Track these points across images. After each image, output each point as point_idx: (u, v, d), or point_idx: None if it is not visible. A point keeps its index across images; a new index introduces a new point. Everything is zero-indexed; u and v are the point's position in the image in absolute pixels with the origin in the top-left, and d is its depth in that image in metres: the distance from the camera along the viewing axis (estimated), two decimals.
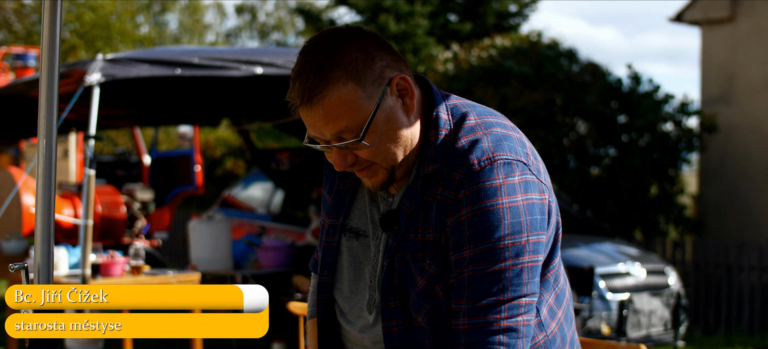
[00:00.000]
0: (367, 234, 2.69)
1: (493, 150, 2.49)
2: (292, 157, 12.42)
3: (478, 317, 2.47)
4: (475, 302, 2.47)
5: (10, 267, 2.69)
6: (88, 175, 7.32)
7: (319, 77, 2.47)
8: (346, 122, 2.48)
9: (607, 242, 10.37)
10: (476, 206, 2.45)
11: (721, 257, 12.80)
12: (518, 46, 15.89)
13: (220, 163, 21.35)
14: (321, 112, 2.47)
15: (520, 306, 2.48)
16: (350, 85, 2.47)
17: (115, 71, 7.76)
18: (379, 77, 2.52)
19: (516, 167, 2.49)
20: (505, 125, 2.60)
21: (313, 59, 2.49)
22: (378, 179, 2.57)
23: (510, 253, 2.45)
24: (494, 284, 2.46)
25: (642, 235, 14.87)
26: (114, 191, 10.59)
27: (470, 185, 2.46)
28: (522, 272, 2.47)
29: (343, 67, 2.47)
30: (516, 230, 2.45)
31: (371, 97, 2.50)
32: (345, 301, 2.73)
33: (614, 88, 15.15)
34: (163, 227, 13.38)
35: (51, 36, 2.75)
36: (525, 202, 2.47)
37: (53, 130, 2.75)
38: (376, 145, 2.51)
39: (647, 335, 9.23)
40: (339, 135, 2.49)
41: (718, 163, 15.99)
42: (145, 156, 14.20)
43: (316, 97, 2.46)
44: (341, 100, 2.46)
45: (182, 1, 42.16)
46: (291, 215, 12.59)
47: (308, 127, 2.54)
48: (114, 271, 7.65)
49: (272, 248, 9.99)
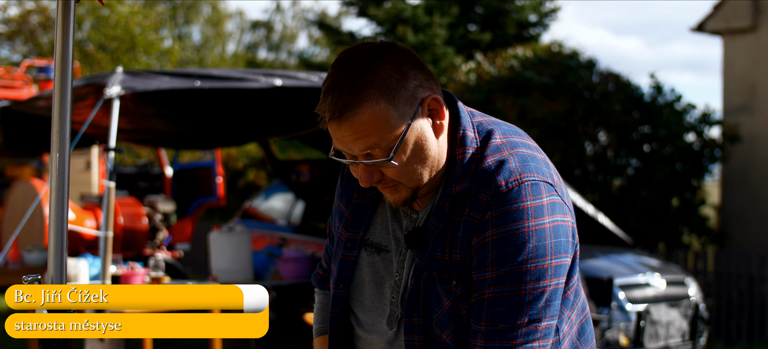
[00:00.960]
0: (388, 249, 2.69)
1: (521, 171, 2.49)
2: (313, 168, 12.43)
3: (494, 341, 2.48)
4: (493, 325, 2.48)
5: (23, 279, 2.71)
6: (108, 187, 7.36)
7: (352, 94, 2.44)
8: (376, 140, 2.46)
9: (628, 253, 10.33)
10: (502, 228, 2.45)
11: (743, 267, 12.74)
12: (539, 56, 15.87)
13: (242, 175, 21.42)
14: (351, 129, 2.45)
15: (536, 331, 2.48)
16: (383, 104, 2.45)
17: (134, 84, 7.80)
18: (411, 97, 2.49)
19: (543, 189, 2.49)
20: (530, 146, 2.60)
21: (346, 74, 2.47)
22: (401, 196, 2.56)
23: (532, 277, 2.45)
24: (513, 307, 2.46)
25: (664, 246, 14.81)
26: (136, 202, 10.64)
27: (497, 207, 2.46)
28: (542, 295, 2.47)
29: (377, 85, 2.45)
30: (540, 254, 2.45)
31: (403, 117, 2.48)
32: (366, 313, 2.73)
33: (636, 98, 15.11)
34: (184, 238, 13.43)
35: (64, 50, 2.76)
36: (551, 224, 2.47)
37: (66, 143, 2.76)
38: (404, 166, 2.51)
39: (665, 346, 9.19)
40: (367, 152, 2.48)
41: (741, 174, 15.92)
42: (167, 168, 14.25)
43: (348, 113, 2.43)
44: (373, 118, 2.44)
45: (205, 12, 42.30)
46: (311, 226, 12.60)
47: (336, 141, 2.52)
48: (134, 282, 7.68)
49: (292, 260, 10.00)
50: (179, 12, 41.09)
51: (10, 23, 28.15)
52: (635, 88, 15.27)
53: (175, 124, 10.52)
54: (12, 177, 14.29)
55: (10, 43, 28.62)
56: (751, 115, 15.88)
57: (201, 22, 42.73)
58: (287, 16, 42.64)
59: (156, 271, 8.03)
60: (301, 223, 12.60)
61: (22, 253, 8.95)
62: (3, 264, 8.85)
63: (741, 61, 16.22)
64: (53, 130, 2.76)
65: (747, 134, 15.56)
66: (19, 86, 15.22)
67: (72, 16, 2.78)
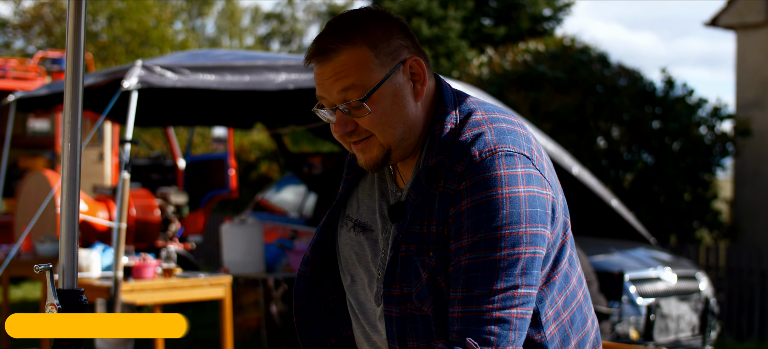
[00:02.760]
0: (373, 228, 2.73)
1: (496, 142, 2.51)
2: (325, 161, 12.46)
3: (471, 306, 2.47)
4: (469, 291, 2.47)
5: (34, 268, 2.73)
6: (123, 178, 7.39)
7: (337, 35, 2.56)
8: (354, 81, 2.54)
9: (640, 248, 10.33)
10: (476, 196, 2.47)
11: (754, 262, 12.73)
12: (551, 50, 15.86)
13: (254, 167, 21.44)
14: (331, 68, 2.55)
15: (514, 298, 2.47)
16: (365, 49, 2.55)
17: (152, 78, 7.84)
18: (394, 52, 2.60)
19: (518, 160, 2.50)
20: (511, 121, 2.62)
21: (334, 23, 2.60)
22: (372, 155, 2.61)
23: (506, 242, 2.45)
24: (489, 273, 2.46)
25: (676, 241, 14.80)
26: (148, 194, 10.67)
27: (471, 176, 2.49)
28: (517, 262, 2.46)
29: (361, 32, 2.57)
30: (514, 220, 2.45)
31: (383, 67, 2.57)
32: (359, 292, 2.77)
33: (648, 92, 15.09)
34: (197, 230, 13.47)
35: (75, 40, 2.78)
36: (526, 194, 2.48)
37: (78, 133, 2.78)
38: (378, 115, 2.56)
39: (676, 340, 9.19)
40: (344, 93, 2.55)
41: (753, 168, 15.88)
42: (179, 160, 14.29)
43: (331, 52, 2.55)
44: (353, 59, 2.54)
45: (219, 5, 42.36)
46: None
47: (318, 86, 2.60)
48: (146, 273, 7.71)
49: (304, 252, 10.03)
50: (194, 5, 41.15)
51: (25, 15, 28.24)
52: (647, 83, 15.25)
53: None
54: (25, 168, 14.35)
55: (25, 35, 28.71)
56: (764, 109, 15.85)
57: (215, 15, 42.81)
58: (299, 9, 42.71)
59: (168, 262, 8.07)
60: (313, 215, 12.62)
61: (34, 244, 8.99)
62: (16, 255, 8.90)
63: (754, 55, 16.19)
64: (65, 120, 2.78)
65: (759, 129, 15.53)
66: (32, 77, 15.27)
67: (83, 7, 2.80)
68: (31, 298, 14.01)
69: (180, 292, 7.99)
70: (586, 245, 9.33)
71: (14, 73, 15.10)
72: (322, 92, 2.59)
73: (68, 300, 2.73)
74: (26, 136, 16.11)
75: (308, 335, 2.88)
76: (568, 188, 9.47)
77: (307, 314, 2.88)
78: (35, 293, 14.28)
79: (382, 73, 2.57)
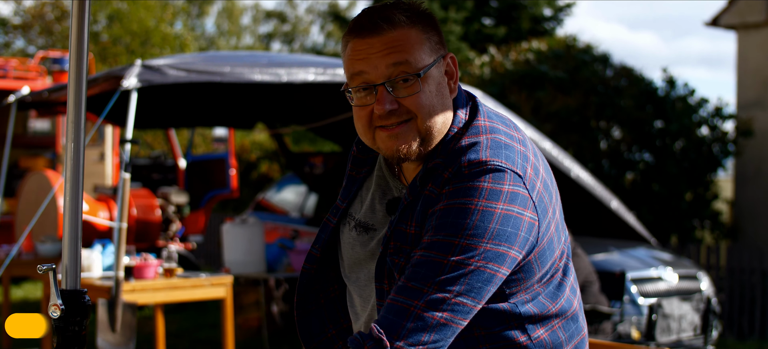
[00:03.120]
0: (375, 228, 2.71)
1: (488, 156, 2.48)
2: (326, 161, 12.45)
3: (400, 295, 2.45)
4: (405, 282, 2.46)
5: (38, 268, 2.73)
6: (123, 178, 7.39)
7: (391, 12, 2.54)
8: (408, 56, 2.52)
9: (640, 247, 10.32)
10: (452, 201, 2.45)
11: (755, 262, 12.73)
12: (554, 50, 15.86)
13: (255, 167, 21.43)
14: (384, 42, 2.52)
15: (443, 302, 2.42)
16: (418, 30, 2.55)
17: (151, 77, 7.83)
18: (439, 44, 2.60)
19: (508, 176, 2.46)
20: (511, 135, 2.58)
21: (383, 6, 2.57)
22: (407, 141, 2.55)
23: (460, 250, 2.42)
24: (430, 272, 2.43)
25: (677, 240, 14.80)
26: (149, 194, 10.66)
27: (455, 182, 2.47)
28: (463, 271, 2.42)
29: (416, 15, 2.56)
30: (477, 233, 2.42)
31: (432, 52, 2.57)
32: (361, 289, 2.75)
33: (649, 92, 15.09)
34: (198, 230, 13.46)
35: (79, 41, 2.78)
36: (503, 212, 2.44)
37: (81, 133, 2.78)
38: (426, 95, 2.53)
39: (678, 339, 9.18)
40: (395, 69, 2.52)
41: (754, 168, 15.88)
42: (180, 159, 14.28)
43: (385, 25, 2.52)
44: (409, 36, 2.53)
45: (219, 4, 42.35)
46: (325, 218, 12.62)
47: (358, 62, 2.55)
48: (147, 273, 7.70)
49: (305, 252, 10.03)
50: (194, 5, 41.14)
51: (25, 15, 28.24)
52: (649, 83, 15.25)
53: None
54: (26, 168, 14.35)
55: (26, 35, 28.70)
56: (765, 109, 15.85)
57: (215, 13, 42.80)
58: (300, 8, 42.68)
59: (169, 262, 8.06)
60: (314, 215, 12.61)
61: (35, 244, 8.99)
62: (17, 255, 8.90)
63: (755, 55, 16.19)
64: (68, 120, 2.78)
65: (761, 129, 15.53)
66: (33, 77, 15.26)
67: (87, 7, 2.80)
68: (32, 298, 14.00)
69: (181, 292, 7.99)
70: (586, 244, 9.33)
71: (15, 72, 15.09)
72: (366, 67, 2.54)
73: (71, 301, 2.74)
74: (27, 136, 16.12)
75: (307, 328, 2.87)
76: (569, 189, 9.49)
77: (307, 307, 2.86)
78: (36, 293, 14.28)
79: (431, 58, 2.56)
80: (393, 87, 2.53)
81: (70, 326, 2.75)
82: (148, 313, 10.87)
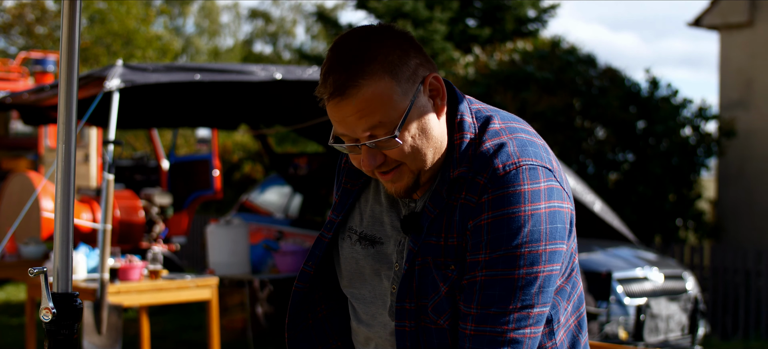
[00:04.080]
0: (382, 241, 2.65)
1: (519, 155, 2.45)
2: (311, 161, 12.43)
3: (485, 325, 2.44)
4: (484, 309, 2.44)
5: (29, 271, 2.70)
6: (107, 180, 7.35)
7: (354, 70, 2.41)
8: (380, 117, 2.42)
9: (625, 247, 10.34)
10: (498, 211, 2.41)
11: (739, 262, 12.76)
12: (539, 50, 15.87)
13: (238, 168, 21.39)
14: (354, 107, 2.42)
15: (528, 318, 2.44)
16: (386, 80, 2.42)
17: (134, 77, 7.80)
18: (413, 74, 2.48)
19: (541, 173, 2.45)
20: (529, 131, 2.57)
21: (346, 53, 2.44)
22: (402, 184, 2.51)
23: (525, 261, 2.41)
24: (505, 291, 2.42)
25: (660, 240, 14.83)
26: (132, 195, 10.62)
27: (494, 189, 2.42)
28: (535, 281, 2.43)
29: (379, 61, 2.42)
30: (534, 238, 2.41)
31: (406, 94, 2.45)
32: (367, 306, 2.69)
33: (633, 93, 15.12)
34: (181, 231, 13.42)
35: (70, 41, 2.75)
36: (548, 210, 2.43)
37: (72, 135, 2.75)
38: (408, 144, 2.47)
39: (665, 340, 9.20)
40: (371, 131, 2.44)
41: (737, 168, 15.94)
42: (163, 161, 14.24)
43: (351, 89, 2.40)
44: (377, 94, 2.41)
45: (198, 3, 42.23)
46: (309, 219, 12.60)
47: (337, 124, 2.48)
48: (132, 275, 7.67)
49: (290, 253, 10.00)
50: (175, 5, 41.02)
51: (5, 15, 28.11)
52: (633, 84, 15.28)
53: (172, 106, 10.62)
54: (8, 170, 14.28)
55: (6, 36, 28.58)
56: (748, 110, 15.90)
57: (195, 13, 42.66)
58: (284, 7, 42.55)
59: (154, 264, 8.03)
60: (298, 216, 12.59)
61: (19, 246, 8.94)
62: (0, 257, 8.85)
63: (738, 56, 16.24)
64: (59, 121, 2.75)
65: (743, 129, 15.58)
66: (15, 78, 15.20)
67: (78, 8, 2.77)
68: (15, 300, 13.94)
69: (166, 294, 7.95)
70: None
71: None
72: (344, 130, 2.47)
73: (63, 304, 2.71)
74: (9, 138, 16.04)
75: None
76: None
77: (296, 327, 2.80)
78: (19, 295, 14.21)
79: (406, 101, 2.46)
80: (375, 143, 2.46)
81: (61, 330, 2.72)
82: (131, 315, 10.83)
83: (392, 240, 2.63)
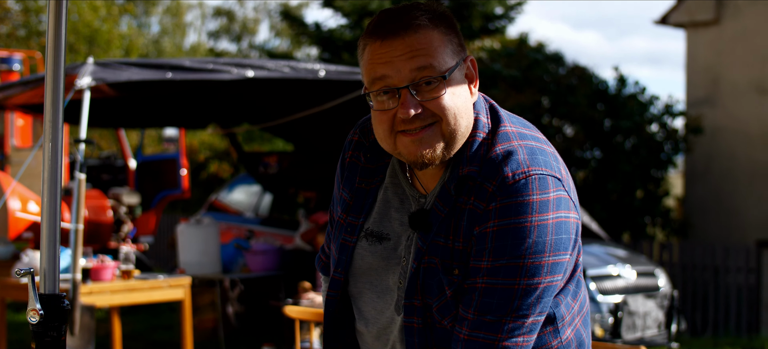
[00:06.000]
0: (390, 237, 2.63)
1: (529, 164, 2.44)
2: (281, 160, 12.38)
3: (480, 331, 2.44)
4: (481, 315, 2.44)
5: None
6: (78, 179, 7.27)
7: (413, 15, 2.46)
8: (432, 59, 2.44)
9: (595, 244, 10.36)
10: (504, 221, 2.41)
11: (708, 258, 12.83)
12: (507, 48, 15.90)
13: (204, 167, 21.29)
14: (407, 45, 2.43)
15: (522, 327, 2.44)
16: (441, 32, 2.47)
17: (105, 75, 7.72)
18: (460, 46, 2.53)
19: (551, 183, 2.44)
20: (539, 138, 2.56)
21: (403, 7, 2.49)
22: (432, 145, 2.47)
23: (527, 272, 2.40)
24: (503, 300, 2.42)
25: (629, 237, 14.89)
26: (100, 195, 10.54)
27: (502, 198, 2.41)
28: (534, 292, 2.43)
29: (438, 17, 2.48)
30: (539, 250, 2.40)
31: (455, 54, 2.50)
32: (373, 302, 2.68)
33: (600, 90, 15.17)
34: (149, 231, 13.32)
35: (56, 39, 2.72)
36: (555, 221, 2.42)
37: (59, 133, 2.71)
38: (451, 97, 2.46)
39: (641, 337, 9.23)
40: (419, 73, 2.44)
41: (704, 165, 16.03)
42: (130, 160, 14.14)
43: (410, 29, 2.44)
44: (433, 38, 2.45)
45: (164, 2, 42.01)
46: (279, 218, 12.56)
47: (381, 66, 2.47)
48: (104, 275, 7.61)
49: (261, 252, 9.96)
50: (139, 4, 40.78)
51: None
52: (600, 81, 15.33)
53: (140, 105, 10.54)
54: None
55: None
56: (714, 107, 16.00)
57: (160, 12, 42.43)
58: (248, 6, 42.40)
59: (127, 264, 7.96)
60: (268, 215, 12.55)
61: None
62: None
63: (704, 53, 16.34)
64: (46, 119, 2.72)
65: (710, 126, 15.68)
66: None
67: (64, 6, 2.73)
68: None
69: (139, 294, 7.89)
70: None
71: None
72: (389, 71, 2.45)
73: (50, 305, 2.67)
74: None
75: None
76: None
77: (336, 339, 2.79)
78: None
79: (454, 60, 2.48)
80: (417, 90, 2.45)
81: (49, 332, 2.68)
82: (101, 315, 10.74)
83: (401, 237, 2.62)
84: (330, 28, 19.81)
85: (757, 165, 15.52)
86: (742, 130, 15.69)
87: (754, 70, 15.70)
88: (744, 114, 15.72)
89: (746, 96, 15.74)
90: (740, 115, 15.78)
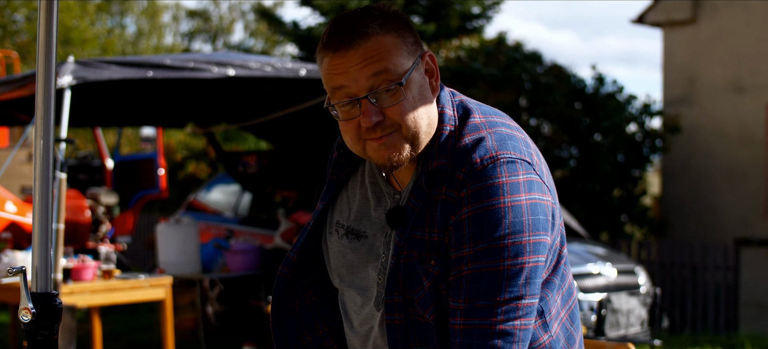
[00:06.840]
0: (367, 234, 2.65)
1: (497, 148, 2.44)
2: (260, 160, 12.35)
3: (474, 318, 2.42)
4: (472, 302, 2.42)
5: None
6: (58, 178, 7.24)
7: (363, 23, 2.46)
8: (387, 64, 2.44)
9: (575, 242, 10.38)
10: (477, 205, 2.40)
11: (686, 257, 12.89)
12: (486, 47, 15.91)
13: (181, 167, 21.21)
14: (361, 55, 2.44)
15: (517, 309, 2.42)
16: (393, 36, 2.47)
17: (86, 74, 7.68)
18: (415, 45, 2.52)
19: (520, 166, 2.43)
20: (510, 125, 2.55)
21: (353, 15, 2.50)
22: (396, 149, 2.48)
23: (509, 253, 2.39)
24: (492, 284, 2.40)
25: (607, 236, 14.93)
26: (78, 195, 10.50)
27: (472, 183, 2.41)
28: (521, 272, 2.40)
29: (389, 21, 2.48)
30: (517, 230, 2.39)
31: (409, 56, 2.49)
32: (354, 299, 2.69)
33: (578, 89, 15.21)
34: (126, 231, 13.26)
35: (47, 36, 2.72)
36: (528, 201, 2.42)
37: (50, 131, 2.70)
38: (410, 102, 2.47)
39: (624, 335, 9.25)
40: (375, 79, 2.44)
41: (681, 164, 16.10)
42: (108, 160, 14.07)
43: (359, 39, 2.44)
44: (385, 44, 2.45)
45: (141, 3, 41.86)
46: (259, 218, 12.53)
47: (338, 76, 2.47)
48: (85, 275, 7.57)
49: (241, 252, 9.93)
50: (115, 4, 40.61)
51: None
52: (578, 80, 15.37)
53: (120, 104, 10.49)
54: None
55: None
56: (691, 106, 16.07)
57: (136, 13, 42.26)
58: (223, 6, 42.28)
59: (107, 264, 7.93)
60: (248, 215, 12.51)
61: None
62: None
63: (681, 52, 16.41)
64: (37, 116, 2.71)
65: (687, 125, 15.74)
66: None
67: (55, 7, 2.72)
68: None
69: (120, 294, 7.86)
70: None
71: None
72: (346, 81, 2.46)
73: (43, 304, 2.65)
74: None
75: (282, 335, 2.82)
76: None
77: (282, 312, 2.81)
78: None
79: (410, 61, 2.49)
80: (377, 98, 2.46)
81: (41, 331, 2.67)
82: (81, 315, 10.69)
83: (379, 234, 2.63)
84: (308, 26, 19.79)
85: (734, 164, 15.60)
86: (719, 129, 15.77)
87: (731, 70, 15.77)
88: (721, 113, 15.79)
89: (723, 95, 15.81)
90: (717, 114, 15.85)
